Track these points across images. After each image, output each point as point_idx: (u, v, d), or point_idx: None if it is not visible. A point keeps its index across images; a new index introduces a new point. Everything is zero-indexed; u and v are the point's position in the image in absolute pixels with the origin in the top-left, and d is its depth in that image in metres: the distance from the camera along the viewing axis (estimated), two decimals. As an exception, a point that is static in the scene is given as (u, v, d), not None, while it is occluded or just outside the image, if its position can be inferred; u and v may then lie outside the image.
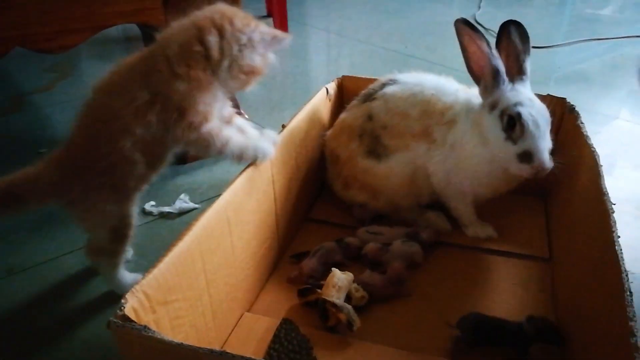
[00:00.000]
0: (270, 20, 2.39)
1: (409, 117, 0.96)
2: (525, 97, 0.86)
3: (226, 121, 0.87)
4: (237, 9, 0.82)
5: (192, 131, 0.78)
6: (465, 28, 0.87)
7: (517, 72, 0.89)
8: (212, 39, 0.77)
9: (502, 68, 0.87)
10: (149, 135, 0.78)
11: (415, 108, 0.96)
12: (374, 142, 0.99)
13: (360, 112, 1.02)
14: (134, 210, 0.87)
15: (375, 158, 1.00)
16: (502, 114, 0.86)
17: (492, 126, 0.87)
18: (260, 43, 0.80)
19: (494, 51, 0.87)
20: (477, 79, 0.90)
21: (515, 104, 0.85)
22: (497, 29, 0.92)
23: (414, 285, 0.90)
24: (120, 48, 2.34)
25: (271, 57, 0.83)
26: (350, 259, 0.96)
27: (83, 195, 0.80)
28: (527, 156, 0.84)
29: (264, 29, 0.81)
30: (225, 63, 0.79)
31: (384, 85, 1.02)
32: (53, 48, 1.10)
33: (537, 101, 0.87)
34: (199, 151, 0.84)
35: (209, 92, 0.79)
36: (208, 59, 0.78)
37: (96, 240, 0.88)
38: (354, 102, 1.07)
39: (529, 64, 0.91)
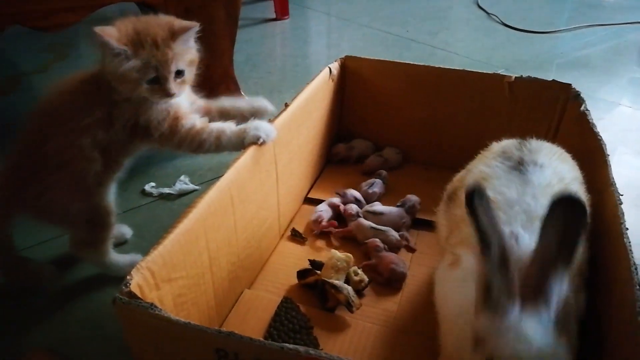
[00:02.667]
0: (271, 3, 2.36)
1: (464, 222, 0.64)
2: None
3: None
4: (133, 19, 0.76)
5: (168, 138, 0.79)
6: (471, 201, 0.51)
7: (532, 294, 0.48)
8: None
9: (500, 283, 0.48)
10: (110, 139, 0.78)
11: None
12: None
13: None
14: (108, 201, 0.85)
15: None
16: None
17: None
18: (101, 49, 0.74)
19: (493, 252, 0.49)
20: None
21: None
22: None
23: (414, 268, 0.91)
24: (117, 29, 2.30)
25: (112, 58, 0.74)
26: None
27: (41, 196, 0.78)
28: None
29: (96, 30, 0.73)
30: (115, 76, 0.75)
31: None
32: (50, 26, 1.08)
33: None
34: (195, 151, 0.81)
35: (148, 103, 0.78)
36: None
37: (77, 235, 0.86)
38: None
39: (559, 288, 0.49)
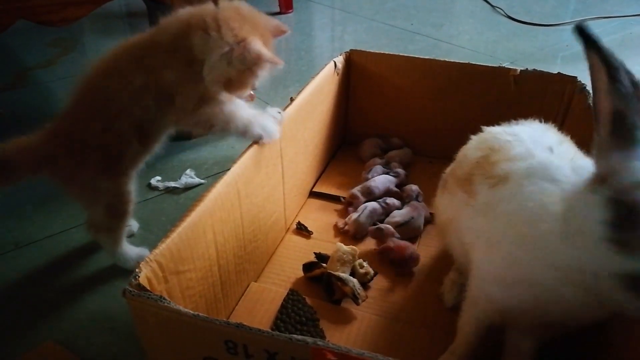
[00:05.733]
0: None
1: (467, 159, 0.75)
2: None
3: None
4: (243, 10, 0.77)
5: (187, 115, 0.79)
6: (580, 39, 0.54)
7: None
8: (196, 41, 0.75)
9: (633, 114, 0.52)
10: (146, 116, 0.79)
11: (477, 152, 0.73)
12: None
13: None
14: (131, 188, 0.87)
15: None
16: (610, 196, 0.50)
17: (587, 213, 0.52)
18: (240, 58, 0.75)
19: (624, 83, 0.52)
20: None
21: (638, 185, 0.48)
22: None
23: (420, 260, 0.91)
24: (122, 24, 2.31)
25: (259, 74, 0.78)
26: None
27: (76, 170, 0.80)
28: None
29: (254, 46, 0.74)
30: (206, 67, 0.76)
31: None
32: (55, 20, 1.09)
33: None
34: (203, 131, 0.84)
35: (197, 83, 0.77)
36: (193, 57, 0.76)
37: (95, 216, 0.88)
38: None
39: None
